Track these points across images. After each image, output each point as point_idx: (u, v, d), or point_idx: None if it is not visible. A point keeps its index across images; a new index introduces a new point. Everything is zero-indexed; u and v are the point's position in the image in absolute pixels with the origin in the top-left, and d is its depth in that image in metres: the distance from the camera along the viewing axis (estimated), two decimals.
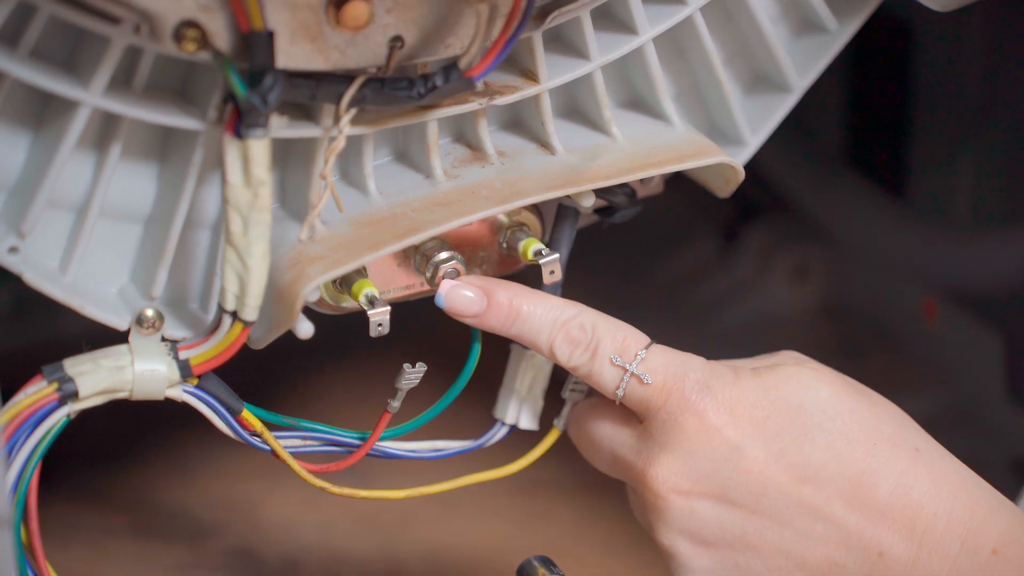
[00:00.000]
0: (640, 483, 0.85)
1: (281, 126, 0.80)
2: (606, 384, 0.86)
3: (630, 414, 0.88)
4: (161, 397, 0.84)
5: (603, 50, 0.89)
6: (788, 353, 0.88)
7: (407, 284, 0.90)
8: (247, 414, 0.85)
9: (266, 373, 0.95)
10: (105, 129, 0.81)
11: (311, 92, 0.80)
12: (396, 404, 0.89)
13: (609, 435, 0.88)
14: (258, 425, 0.86)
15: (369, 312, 0.86)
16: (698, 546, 0.84)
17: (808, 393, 0.84)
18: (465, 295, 0.87)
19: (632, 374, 0.85)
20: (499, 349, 0.93)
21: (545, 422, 0.94)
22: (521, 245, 0.91)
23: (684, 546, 0.85)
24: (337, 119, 0.81)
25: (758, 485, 0.83)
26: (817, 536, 0.82)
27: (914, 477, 0.82)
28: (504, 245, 0.92)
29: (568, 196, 0.90)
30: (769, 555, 0.83)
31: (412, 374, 0.87)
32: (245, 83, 0.76)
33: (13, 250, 0.80)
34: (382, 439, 0.90)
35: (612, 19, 0.90)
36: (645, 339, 0.87)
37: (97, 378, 0.82)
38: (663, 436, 0.85)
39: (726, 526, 0.84)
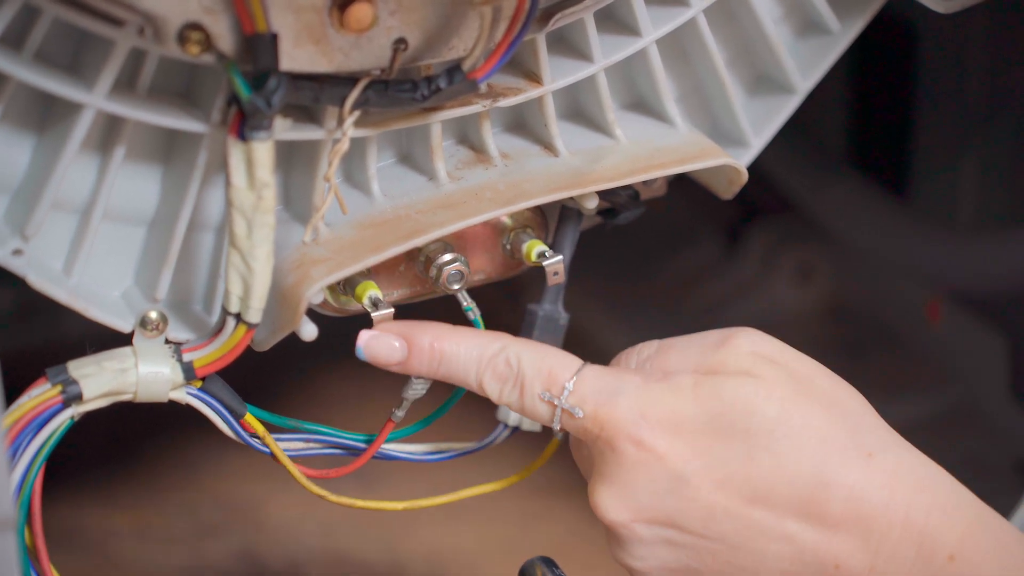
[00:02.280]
0: (595, 511, 0.83)
1: (285, 128, 0.80)
2: (541, 418, 0.84)
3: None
4: (165, 399, 0.84)
5: (606, 52, 0.89)
6: (740, 340, 0.83)
7: (411, 286, 0.90)
8: (250, 417, 0.85)
9: (270, 375, 0.95)
10: (109, 131, 0.81)
11: (315, 94, 0.80)
12: (401, 413, 0.89)
13: (580, 459, 0.87)
14: (260, 428, 0.86)
15: (373, 314, 0.86)
16: (654, 566, 0.82)
17: (754, 415, 0.80)
18: (386, 344, 0.85)
19: (562, 409, 0.83)
20: None
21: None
22: (525, 247, 0.91)
23: (640, 567, 0.83)
24: (341, 121, 0.81)
25: (705, 512, 0.80)
26: (772, 554, 0.80)
27: (867, 485, 0.79)
28: (508, 247, 0.92)
29: (572, 198, 0.90)
30: (727, 574, 0.81)
31: (418, 385, 0.87)
32: (249, 85, 0.76)
33: (17, 252, 0.80)
34: (385, 441, 0.90)
35: (615, 21, 0.90)
36: (574, 365, 0.83)
37: (101, 380, 0.82)
38: (603, 467, 0.82)
39: (678, 549, 0.82)
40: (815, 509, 0.79)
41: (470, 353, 0.84)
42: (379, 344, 0.85)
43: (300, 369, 1.14)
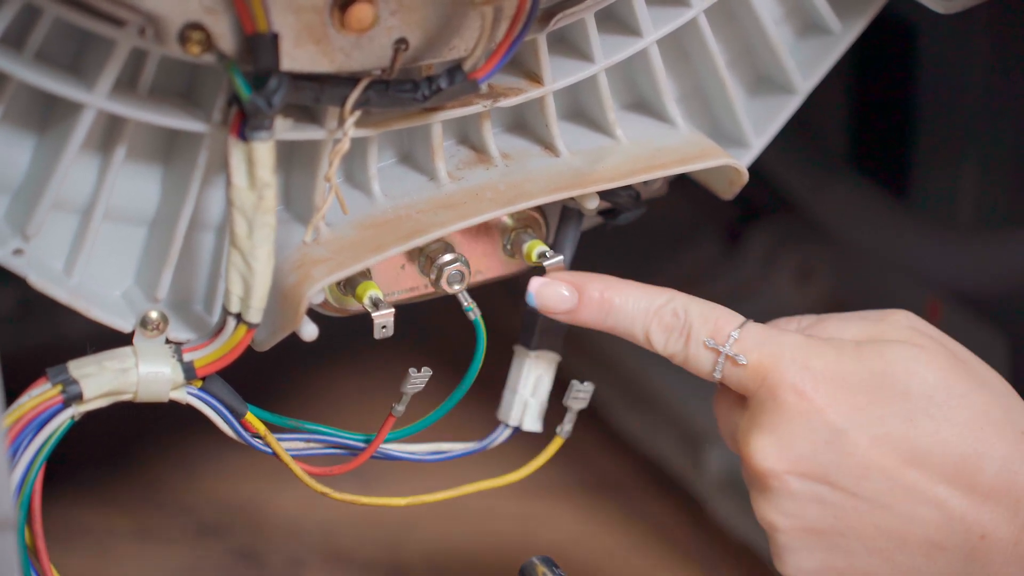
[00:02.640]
0: (743, 461, 0.84)
1: (286, 128, 0.80)
2: (702, 368, 0.85)
3: (727, 400, 0.88)
4: (165, 399, 0.84)
5: (607, 52, 0.89)
6: (898, 316, 0.86)
7: (411, 286, 0.90)
8: (251, 416, 0.86)
9: (270, 375, 0.95)
10: (110, 131, 0.81)
11: (315, 94, 0.80)
12: (401, 408, 0.89)
13: (724, 414, 0.87)
14: (261, 428, 0.86)
15: (373, 314, 0.86)
16: (797, 525, 0.83)
17: (914, 378, 0.82)
18: (557, 292, 0.87)
19: (726, 356, 0.84)
20: (503, 351, 0.93)
21: (549, 424, 0.94)
22: (525, 247, 0.91)
23: (783, 525, 0.84)
24: (341, 121, 0.81)
25: (861, 468, 0.82)
26: (919, 518, 0.82)
27: (1019, 461, 0.81)
28: (508, 247, 0.92)
29: (572, 198, 0.90)
30: (869, 537, 0.82)
31: (417, 379, 0.87)
32: (250, 85, 0.76)
33: (18, 252, 0.80)
34: (386, 441, 0.90)
35: (616, 21, 0.90)
36: (739, 319, 0.86)
37: (101, 380, 0.82)
38: (762, 416, 0.83)
39: (826, 507, 0.83)
40: (967, 478, 0.81)
41: (638, 304, 0.86)
42: (550, 292, 0.87)
43: (301, 369, 1.14)
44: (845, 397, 0.82)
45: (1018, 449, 0.81)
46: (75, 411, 0.82)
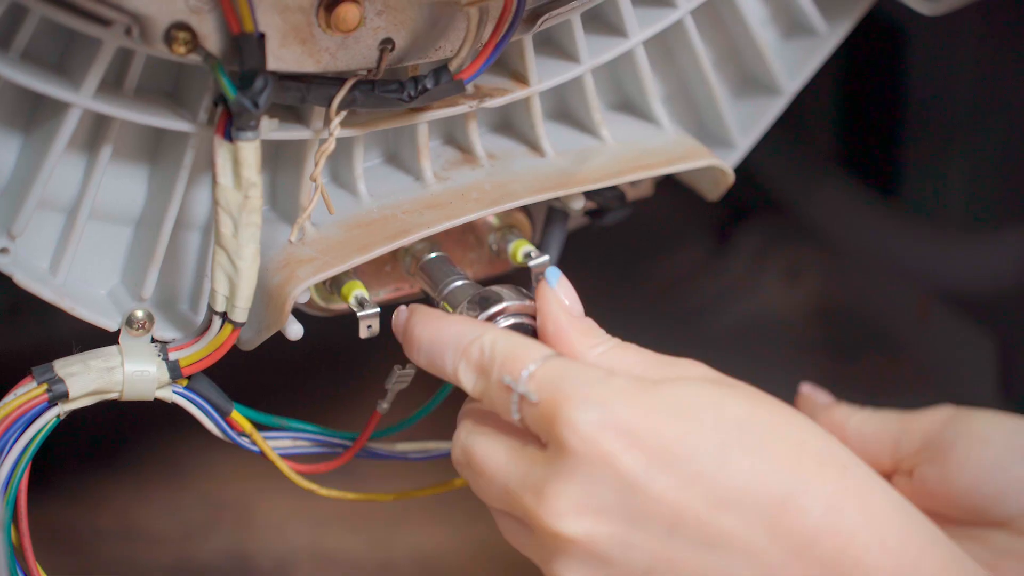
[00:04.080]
0: (534, 517, 0.74)
1: (271, 128, 0.80)
2: (501, 409, 0.77)
3: (527, 436, 0.77)
4: (151, 398, 0.84)
5: (593, 53, 0.90)
6: (693, 365, 0.78)
7: (397, 286, 0.90)
8: (236, 415, 0.86)
9: (256, 374, 0.95)
10: (96, 131, 0.81)
11: (301, 94, 0.80)
12: (386, 405, 0.89)
13: (501, 462, 0.77)
14: (247, 426, 0.86)
15: (359, 314, 0.86)
16: None
17: (721, 409, 0.74)
18: (396, 326, 0.82)
19: (519, 394, 0.75)
20: None
21: None
22: (511, 247, 0.91)
23: None
24: (327, 121, 0.81)
25: (671, 515, 0.72)
26: (737, 571, 0.73)
27: (844, 499, 0.73)
28: (494, 247, 0.92)
29: (558, 198, 0.90)
30: None
31: (402, 375, 0.87)
32: (235, 85, 0.76)
33: (3, 251, 0.80)
34: (372, 440, 0.90)
35: (602, 22, 0.91)
36: (542, 353, 0.76)
37: (87, 379, 0.82)
38: (558, 462, 0.74)
39: (635, 563, 0.73)
40: (788, 520, 0.72)
41: (448, 340, 0.79)
42: (394, 323, 0.82)
43: (286, 368, 1.14)
44: (648, 435, 0.73)
45: (842, 487, 0.73)
46: (61, 410, 0.82)
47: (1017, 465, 0.85)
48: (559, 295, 0.80)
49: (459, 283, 0.86)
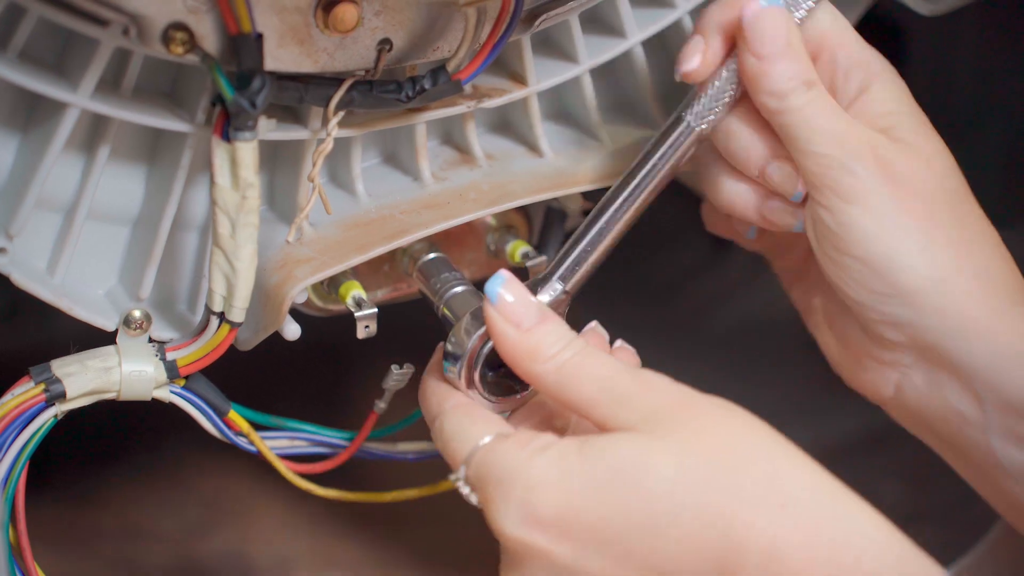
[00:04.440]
0: None
1: (269, 128, 0.80)
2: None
3: None
4: (148, 398, 0.84)
5: (592, 53, 0.90)
6: (656, 379, 0.76)
7: (395, 286, 0.90)
8: (234, 415, 0.86)
9: (254, 374, 0.95)
10: (94, 131, 0.81)
11: (299, 95, 0.80)
12: (383, 405, 0.89)
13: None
14: (244, 426, 0.86)
15: (356, 314, 0.86)
16: None
17: (648, 476, 0.72)
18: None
19: (465, 496, 0.77)
20: None
21: None
22: (509, 247, 0.91)
23: None
24: (325, 122, 0.81)
25: None
26: None
27: (784, 544, 0.70)
28: (492, 247, 0.92)
29: (556, 198, 0.90)
30: None
31: (399, 375, 0.87)
32: (233, 86, 0.76)
33: (1, 251, 0.81)
34: (369, 439, 0.90)
35: (601, 23, 0.91)
36: (479, 440, 0.77)
37: (85, 379, 0.82)
38: (503, 556, 0.76)
39: None
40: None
41: (427, 411, 0.81)
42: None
43: (284, 368, 1.14)
44: (575, 520, 0.72)
45: (781, 530, 0.70)
46: (58, 409, 0.82)
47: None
48: (504, 310, 0.78)
49: (459, 289, 0.86)
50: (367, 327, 0.86)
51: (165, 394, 0.84)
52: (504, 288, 0.78)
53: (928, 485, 1.13)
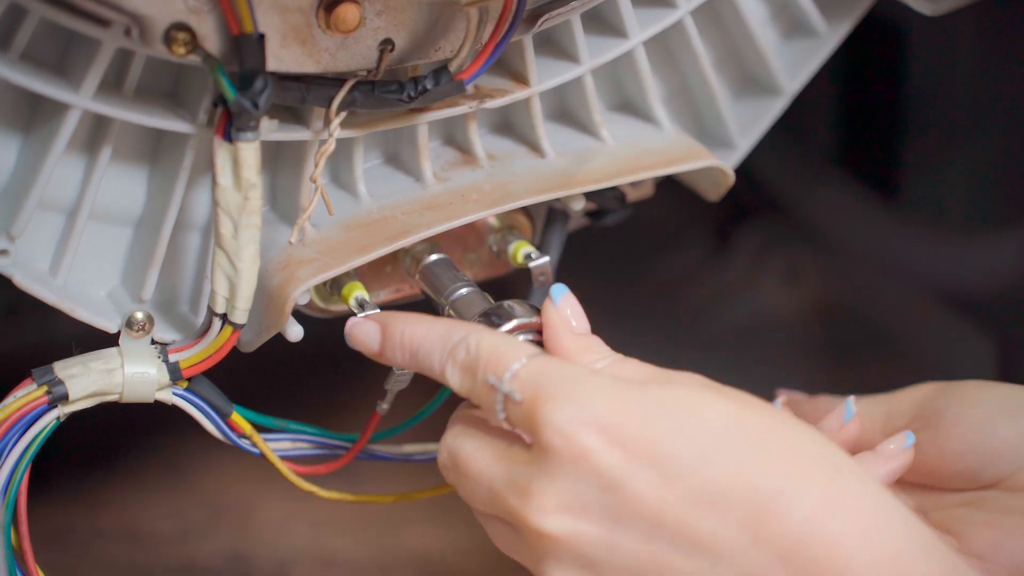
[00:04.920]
0: (519, 518, 0.74)
1: (271, 129, 0.80)
2: (487, 409, 0.77)
3: (513, 437, 0.77)
4: (151, 400, 0.84)
5: (593, 53, 0.90)
6: (691, 376, 0.77)
7: (397, 287, 0.90)
8: (236, 416, 0.86)
9: (256, 376, 0.95)
10: (95, 132, 0.81)
11: (301, 95, 0.80)
12: (385, 406, 0.89)
13: (486, 463, 0.77)
14: (247, 428, 0.86)
15: (359, 315, 0.86)
16: None
17: (708, 410, 0.72)
18: (363, 330, 0.82)
19: (503, 393, 0.75)
20: None
21: None
22: (511, 248, 0.91)
23: None
24: (327, 122, 0.81)
25: (652, 515, 0.71)
26: (721, 574, 0.71)
27: (833, 503, 0.70)
28: (494, 248, 0.92)
29: (558, 199, 0.90)
30: None
31: (401, 375, 0.87)
32: (235, 86, 0.76)
33: (3, 252, 0.80)
34: (372, 441, 0.90)
35: (602, 22, 0.91)
36: (527, 352, 0.76)
37: (87, 381, 0.82)
38: (541, 461, 0.73)
39: (620, 564, 0.72)
40: (773, 522, 0.70)
41: (435, 342, 0.79)
42: (358, 331, 0.82)
43: (286, 370, 1.14)
44: (630, 433, 0.72)
45: (832, 489, 0.71)
46: (61, 412, 0.82)
47: (1007, 425, 0.83)
48: (563, 312, 0.81)
49: (464, 291, 0.86)
50: None
51: (168, 396, 0.84)
52: (567, 296, 0.81)
53: None
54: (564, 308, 0.81)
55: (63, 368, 0.82)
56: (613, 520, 0.72)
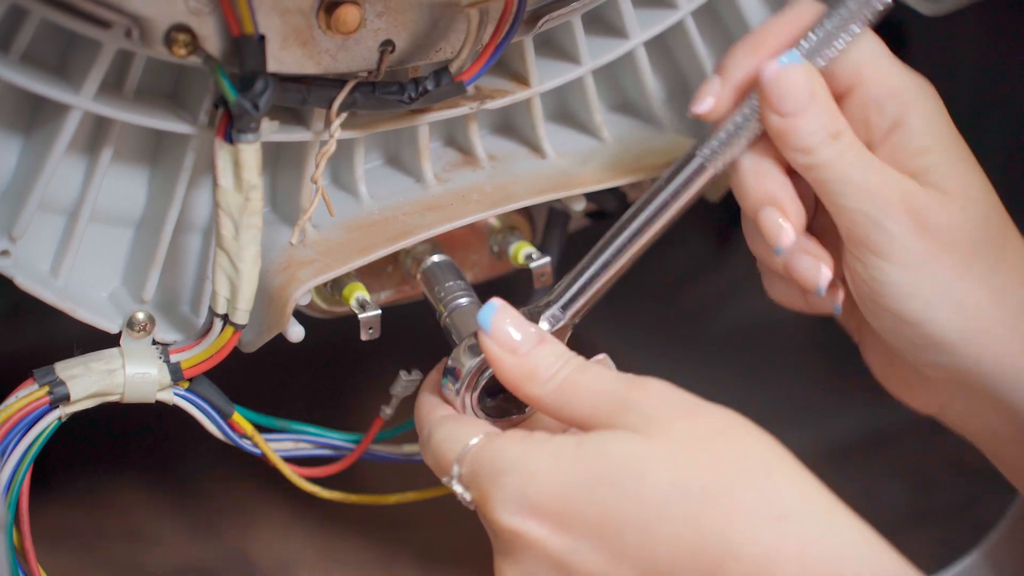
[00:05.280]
0: None
1: (272, 130, 0.80)
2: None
3: None
4: (152, 400, 0.84)
5: (594, 54, 0.90)
6: (653, 385, 0.76)
7: (398, 288, 0.90)
8: (238, 417, 0.86)
9: (257, 376, 0.95)
10: (96, 133, 0.81)
11: (302, 96, 0.80)
12: (389, 411, 0.89)
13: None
14: (248, 428, 0.86)
15: (360, 316, 0.86)
16: None
17: (644, 479, 0.72)
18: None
19: (459, 495, 0.78)
20: None
21: None
22: (512, 248, 0.91)
23: None
24: (328, 123, 0.81)
25: None
26: None
27: (779, 553, 0.70)
28: (495, 248, 0.92)
29: (559, 200, 0.90)
30: None
31: (408, 381, 0.88)
32: (236, 87, 0.76)
33: (4, 253, 0.81)
34: (374, 442, 0.90)
35: (603, 23, 0.91)
36: (472, 437, 0.78)
37: (88, 381, 0.82)
38: (497, 545, 0.76)
39: None
40: None
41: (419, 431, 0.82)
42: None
43: (287, 370, 1.14)
44: (572, 516, 0.73)
45: (777, 542, 0.71)
46: (62, 412, 0.82)
47: None
48: (500, 337, 0.79)
49: (463, 301, 0.86)
50: (371, 329, 0.86)
51: (169, 396, 0.84)
52: (497, 316, 0.79)
53: (929, 486, 1.14)
54: (498, 331, 0.79)
55: (64, 369, 0.82)
56: None
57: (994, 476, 0.89)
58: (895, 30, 1.21)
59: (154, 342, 0.84)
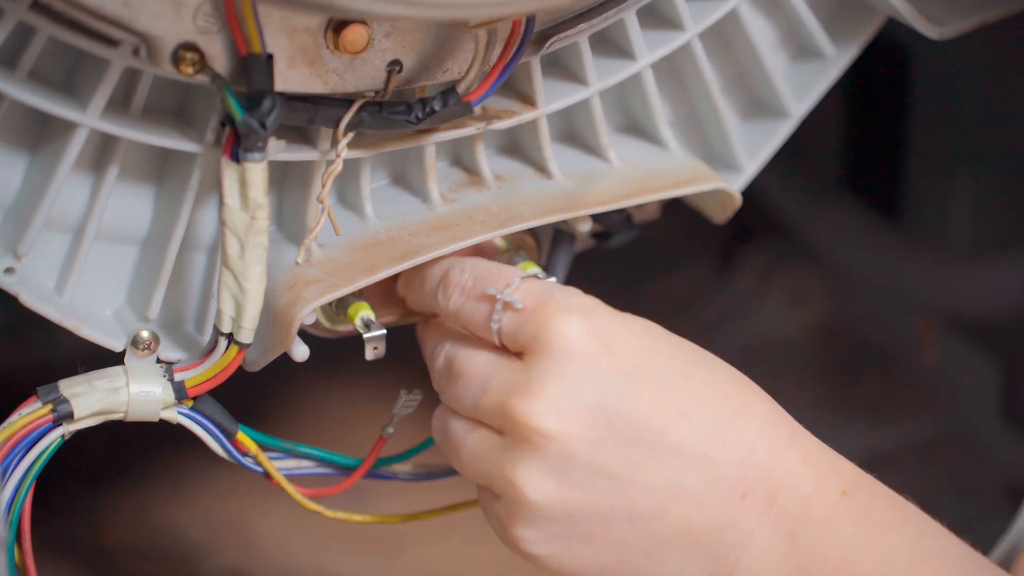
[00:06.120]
0: (512, 416, 0.78)
1: (279, 149, 0.80)
2: (480, 320, 0.81)
3: (504, 349, 0.81)
4: (156, 419, 0.84)
5: (601, 75, 0.90)
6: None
7: (403, 308, 0.90)
8: (242, 436, 0.86)
9: (262, 395, 0.95)
10: (102, 151, 0.81)
11: (309, 116, 0.80)
12: (392, 430, 0.89)
13: (482, 363, 0.81)
14: (252, 447, 0.86)
15: (365, 335, 0.86)
16: (564, 487, 0.78)
17: (677, 338, 0.81)
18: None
19: (503, 302, 0.80)
20: None
21: None
22: (518, 268, 0.91)
23: (548, 494, 0.78)
24: (335, 143, 0.81)
25: (641, 418, 0.77)
26: (690, 478, 0.77)
27: (781, 418, 0.80)
28: None
29: (565, 221, 0.90)
30: (634, 502, 0.78)
31: (408, 400, 0.87)
32: (243, 106, 0.76)
33: (9, 271, 0.81)
34: (376, 465, 0.90)
35: (610, 44, 0.91)
36: (522, 272, 0.83)
37: (92, 399, 0.82)
38: (543, 364, 0.78)
39: (600, 464, 0.77)
40: (734, 432, 0.78)
41: (433, 269, 0.85)
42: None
43: (292, 390, 1.14)
44: (623, 347, 0.78)
45: (777, 409, 0.81)
46: (65, 430, 0.82)
47: None
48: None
49: None
50: (376, 348, 0.86)
51: (173, 415, 0.84)
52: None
53: (928, 508, 1.13)
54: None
55: (68, 386, 0.82)
56: (605, 422, 0.77)
57: (990, 499, 0.89)
58: (900, 53, 1.21)
59: (158, 360, 0.84)
